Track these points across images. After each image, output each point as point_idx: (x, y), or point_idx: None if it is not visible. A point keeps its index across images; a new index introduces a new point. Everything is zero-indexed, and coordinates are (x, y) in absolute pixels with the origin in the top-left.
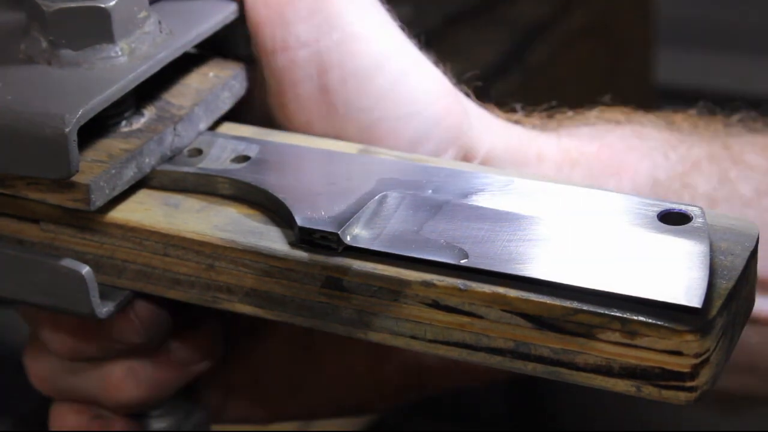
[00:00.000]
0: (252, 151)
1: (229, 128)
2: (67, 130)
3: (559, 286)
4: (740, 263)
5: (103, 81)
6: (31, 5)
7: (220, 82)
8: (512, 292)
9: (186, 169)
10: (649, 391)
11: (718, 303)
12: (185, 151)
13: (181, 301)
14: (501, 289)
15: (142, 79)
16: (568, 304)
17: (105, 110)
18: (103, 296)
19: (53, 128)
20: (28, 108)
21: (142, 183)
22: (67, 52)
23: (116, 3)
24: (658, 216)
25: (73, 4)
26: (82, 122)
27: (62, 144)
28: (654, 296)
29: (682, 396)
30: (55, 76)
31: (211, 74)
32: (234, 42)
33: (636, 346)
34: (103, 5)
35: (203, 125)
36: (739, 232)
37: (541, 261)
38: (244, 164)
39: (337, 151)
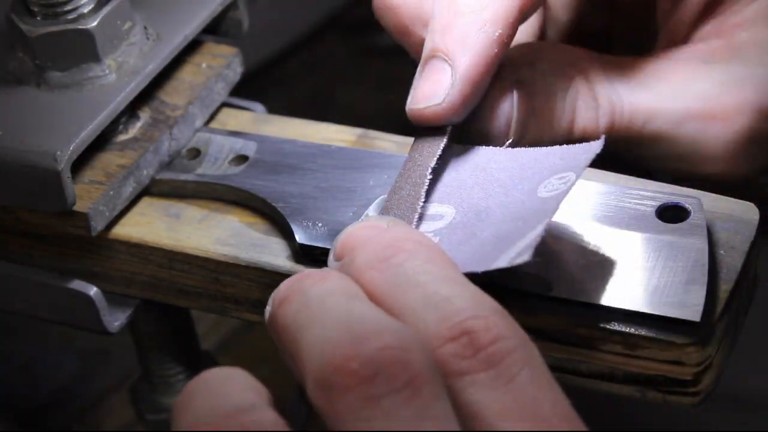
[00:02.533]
0: (250, 150)
1: (226, 115)
2: (60, 168)
3: (559, 301)
4: (740, 259)
5: (93, 106)
6: (14, 28)
7: (213, 74)
8: (513, 308)
9: (185, 176)
10: (653, 395)
11: (718, 309)
12: (183, 151)
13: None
14: (502, 305)
15: (131, 97)
16: (568, 318)
17: None
18: (114, 304)
19: (46, 166)
20: (20, 144)
21: (142, 191)
22: (54, 74)
23: (99, 22)
24: (656, 211)
25: (55, 28)
26: (75, 157)
27: (56, 181)
28: (652, 311)
29: (686, 400)
30: (45, 102)
31: (204, 65)
32: (225, 25)
33: (638, 357)
34: (85, 27)
35: (199, 122)
36: (738, 219)
37: (540, 273)
38: (242, 167)
39: (333, 145)
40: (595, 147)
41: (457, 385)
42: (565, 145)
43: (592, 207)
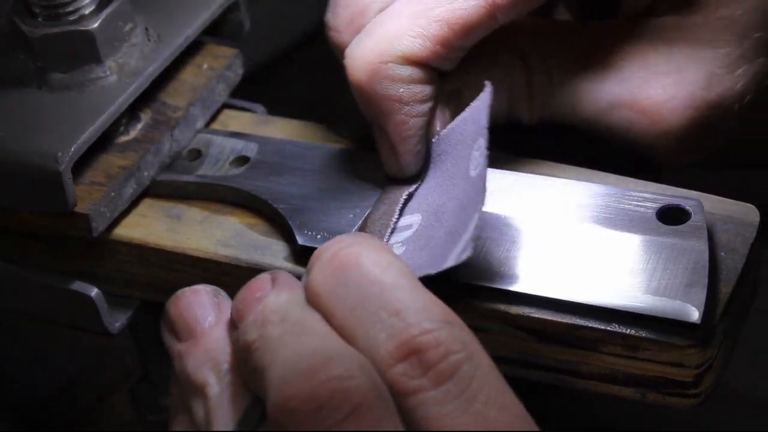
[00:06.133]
0: (251, 151)
1: (227, 116)
2: (61, 169)
3: (559, 302)
4: (741, 260)
5: (94, 107)
6: (15, 30)
7: (214, 75)
8: (513, 309)
9: (186, 177)
10: (653, 397)
11: (718, 311)
12: (184, 152)
13: None
14: (502, 306)
15: (133, 99)
16: (569, 320)
17: None
18: (115, 306)
19: (47, 168)
20: (21, 145)
21: (143, 192)
22: (56, 76)
23: (100, 23)
24: (656, 213)
25: (56, 29)
26: (76, 158)
27: (58, 182)
28: (653, 312)
29: (687, 402)
30: (46, 104)
31: (204, 66)
32: (226, 26)
33: (638, 358)
34: (86, 28)
35: (200, 123)
36: (739, 221)
37: (541, 274)
38: (243, 168)
39: (334, 146)
40: (488, 97)
41: (409, 404)
42: (471, 106)
43: (592, 209)
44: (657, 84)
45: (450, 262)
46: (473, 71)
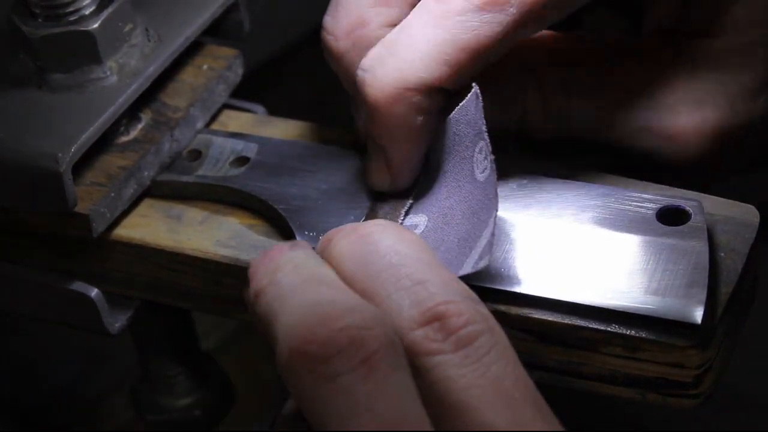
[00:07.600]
0: (250, 152)
1: (227, 116)
2: (61, 169)
3: (559, 303)
4: (740, 261)
5: (94, 108)
6: (16, 30)
7: (214, 76)
8: (514, 310)
9: (186, 178)
10: (653, 398)
11: (718, 311)
12: (184, 153)
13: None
14: (502, 307)
15: (133, 99)
16: (569, 321)
17: None
18: (115, 305)
19: (48, 168)
20: (21, 146)
21: (143, 192)
22: (56, 76)
23: (100, 24)
24: (656, 214)
25: (57, 30)
26: (76, 159)
27: (58, 183)
28: (653, 312)
29: (686, 402)
30: (46, 104)
31: (204, 66)
32: (226, 26)
33: (638, 359)
34: (87, 28)
35: (200, 124)
36: (739, 222)
37: (541, 275)
38: (243, 168)
39: (334, 147)
40: (476, 97)
41: (428, 364)
42: (459, 106)
43: (592, 209)
44: (684, 110)
45: (467, 269)
46: (486, 89)
